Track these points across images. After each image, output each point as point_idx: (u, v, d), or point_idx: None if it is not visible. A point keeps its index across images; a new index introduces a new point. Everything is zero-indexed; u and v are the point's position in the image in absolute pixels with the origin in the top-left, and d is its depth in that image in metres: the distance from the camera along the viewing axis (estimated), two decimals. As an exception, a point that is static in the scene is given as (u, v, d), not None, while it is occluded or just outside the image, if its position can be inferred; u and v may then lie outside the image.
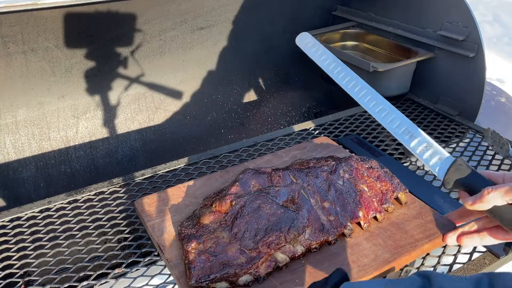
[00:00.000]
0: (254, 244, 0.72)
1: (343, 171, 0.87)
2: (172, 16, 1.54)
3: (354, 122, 1.35)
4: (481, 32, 1.28)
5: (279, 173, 0.84)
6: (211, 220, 0.77)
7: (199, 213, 0.80)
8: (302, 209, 0.78)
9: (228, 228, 0.75)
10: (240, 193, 0.80)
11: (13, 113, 1.46)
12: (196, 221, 0.78)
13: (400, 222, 0.84)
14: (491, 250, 0.84)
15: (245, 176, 0.84)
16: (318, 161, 0.91)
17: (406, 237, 0.79)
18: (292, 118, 1.99)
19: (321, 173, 0.86)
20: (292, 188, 0.81)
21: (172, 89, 1.75)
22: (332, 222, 0.78)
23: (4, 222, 0.96)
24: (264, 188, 0.81)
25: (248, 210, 0.76)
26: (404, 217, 0.85)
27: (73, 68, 1.47)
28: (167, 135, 1.76)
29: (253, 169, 0.86)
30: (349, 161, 0.90)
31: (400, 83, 1.50)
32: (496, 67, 3.45)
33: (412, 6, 1.52)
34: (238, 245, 0.72)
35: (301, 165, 0.91)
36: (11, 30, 1.26)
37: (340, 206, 0.81)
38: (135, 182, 1.09)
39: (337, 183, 0.85)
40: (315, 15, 1.87)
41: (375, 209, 0.83)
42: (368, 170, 0.89)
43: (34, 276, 0.82)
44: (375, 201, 0.84)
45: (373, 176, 0.88)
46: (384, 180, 0.88)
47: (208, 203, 0.82)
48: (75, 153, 1.59)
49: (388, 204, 0.85)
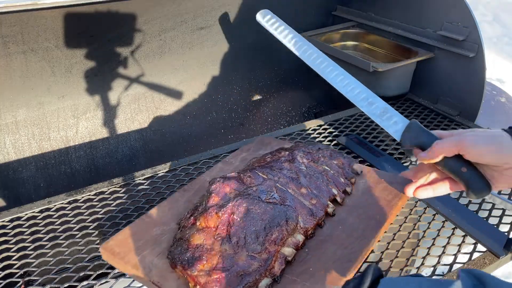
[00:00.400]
0: (261, 246, 0.71)
1: (300, 157, 0.92)
2: (172, 16, 1.54)
3: (354, 122, 1.35)
4: (481, 32, 1.28)
5: (248, 174, 0.84)
6: (204, 238, 0.73)
7: (185, 235, 0.75)
8: (286, 201, 0.80)
9: (226, 240, 0.72)
10: (221, 203, 0.77)
11: (13, 113, 1.46)
12: (186, 245, 0.73)
13: (367, 190, 0.91)
14: (491, 250, 0.84)
15: (217, 185, 0.80)
16: (273, 155, 0.94)
17: (379, 201, 0.86)
18: (292, 118, 1.99)
19: (283, 164, 0.89)
20: (267, 184, 0.82)
21: (172, 89, 1.75)
22: (315, 204, 0.82)
23: (4, 222, 0.96)
24: (241, 191, 0.80)
25: (239, 216, 0.74)
26: (367, 185, 0.93)
27: (73, 68, 1.47)
28: (167, 135, 1.76)
29: (221, 177, 0.83)
30: (300, 148, 0.95)
31: (400, 83, 1.50)
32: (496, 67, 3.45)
33: (412, 6, 1.52)
34: (245, 252, 0.70)
35: (259, 162, 0.91)
36: (11, 30, 1.26)
37: (315, 189, 0.86)
38: (135, 182, 1.09)
39: (301, 170, 0.89)
40: (315, 15, 1.87)
41: (343, 183, 0.90)
42: (319, 151, 0.96)
43: (34, 276, 0.82)
44: (340, 176, 0.91)
45: (327, 156, 0.95)
46: (337, 157, 0.96)
47: (188, 223, 0.77)
48: (75, 153, 1.59)
49: (350, 176, 0.93)
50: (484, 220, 0.91)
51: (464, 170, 0.69)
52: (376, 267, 0.48)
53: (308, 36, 1.68)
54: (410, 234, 0.87)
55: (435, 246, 0.85)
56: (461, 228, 0.89)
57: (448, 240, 0.86)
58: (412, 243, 0.86)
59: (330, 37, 1.73)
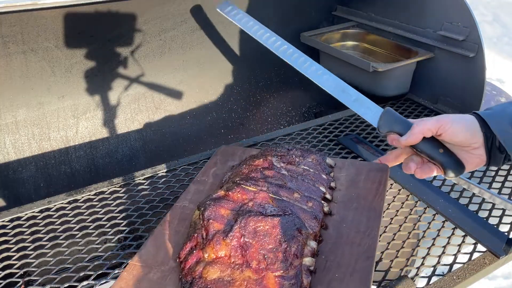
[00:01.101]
0: (285, 263, 0.67)
1: (277, 162, 0.90)
2: (172, 16, 1.54)
3: (354, 122, 1.35)
4: (481, 32, 1.28)
5: (237, 190, 0.80)
6: (219, 270, 0.67)
7: (195, 273, 0.68)
8: (287, 209, 0.76)
9: (245, 266, 0.67)
10: (223, 228, 0.72)
11: (13, 113, 1.46)
12: (204, 283, 0.66)
13: (351, 183, 0.91)
14: (491, 250, 0.84)
15: (211, 210, 0.75)
16: (248, 165, 0.90)
17: (368, 192, 0.88)
18: (292, 118, 1.99)
19: (264, 173, 0.86)
20: (262, 197, 0.78)
21: (172, 89, 1.75)
22: (313, 207, 0.80)
23: (4, 222, 0.96)
24: (239, 210, 0.75)
25: (250, 237, 0.70)
26: (350, 178, 0.93)
27: (73, 68, 1.47)
28: (167, 135, 1.76)
29: (209, 200, 0.78)
30: (271, 152, 0.94)
31: (400, 83, 1.50)
32: (496, 67, 3.45)
33: (412, 6, 1.52)
34: (271, 274, 0.66)
35: (239, 175, 0.87)
36: (11, 30, 1.26)
37: (306, 191, 0.84)
38: (135, 182, 1.09)
39: (284, 175, 0.87)
40: (315, 15, 1.87)
41: (326, 179, 0.89)
42: (290, 152, 0.94)
43: (34, 276, 0.82)
44: (321, 173, 0.90)
45: (299, 155, 0.94)
46: (308, 155, 0.94)
47: (192, 259, 0.70)
48: (75, 153, 1.59)
49: (328, 171, 0.92)
50: (484, 220, 0.91)
51: (441, 151, 0.73)
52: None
53: (308, 36, 1.68)
54: (410, 234, 0.87)
55: (435, 246, 0.85)
56: (461, 228, 0.89)
57: (448, 240, 0.86)
58: (412, 243, 0.86)
59: (330, 37, 1.73)
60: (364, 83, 1.50)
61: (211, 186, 0.95)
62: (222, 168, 1.01)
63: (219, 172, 0.99)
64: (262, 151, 0.98)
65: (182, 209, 0.87)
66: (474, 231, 0.88)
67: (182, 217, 0.85)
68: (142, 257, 0.75)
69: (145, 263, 0.74)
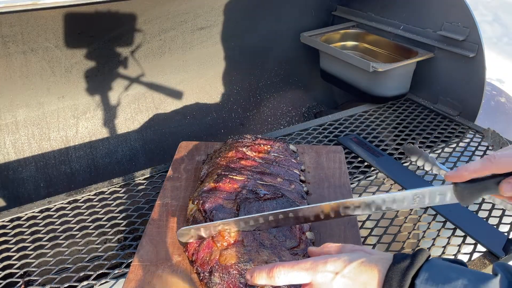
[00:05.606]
0: (295, 239, 0.74)
1: (250, 152, 0.97)
2: (172, 16, 1.54)
3: (354, 122, 1.35)
4: (481, 32, 1.28)
5: (227, 181, 0.86)
6: (237, 255, 0.69)
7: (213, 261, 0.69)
8: (278, 192, 0.84)
9: (262, 247, 0.71)
10: (227, 217, 0.76)
11: (13, 113, 1.46)
12: (223, 268, 0.68)
13: (316, 164, 1.03)
14: (491, 250, 0.84)
15: (210, 202, 0.80)
16: (223, 157, 0.96)
17: (333, 171, 1.00)
18: (292, 118, 1.99)
19: (241, 163, 0.92)
20: (250, 184, 0.85)
21: (172, 89, 1.75)
22: (296, 188, 0.88)
23: (4, 222, 0.96)
24: (236, 199, 0.81)
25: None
26: (312, 159, 1.05)
27: (73, 68, 1.47)
28: (167, 135, 1.76)
29: (203, 193, 0.83)
30: (240, 143, 1.00)
31: (400, 83, 1.50)
32: (496, 67, 3.45)
33: (412, 6, 1.52)
34: (285, 251, 0.72)
35: (219, 168, 0.92)
36: (11, 30, 1.26)
37: (285, 175, 0.91)
38: (135, 182, 1.09)
39: (261, 163, 0.93)
40: (315, 15, 1.87)
41: (296, 163, 0.97)
42: (256, 141, 1.01)
43: (34, 276, 0.82)
44: (290, 158, 0.97)
45: (265, 144, 1.00)
46: (274, 144, 1.01)
47: (204, 249, 0.71)
48: (75, 153, 1.59)
49: (295, 156, 1.01)
50: (484, 220, 0.91)
51: None
52: (428, 253, 0.50)
53: (308, 36, 1.68)
54: (410, 234, 0.87)
55: (435, 246, 0.85)
56: (461, 228, 0.89)
57: (448, 240, 0.86)
58: (412, 243, 0.86)
59: (330, 37, 1.72)
60: (364, 83, 1.50)
61: (186, 181, 1.00)
62: (191, 163, 1.06)
63: (189, 167, 1.05)
64: (228, 143, 1.03)
65: (166, 206, 0.92)
66: (474, 232, 0.87)
67: (169, 214, 0.89)
68: (143, 257, 0.76)
69: (149, 261, 0.75)
